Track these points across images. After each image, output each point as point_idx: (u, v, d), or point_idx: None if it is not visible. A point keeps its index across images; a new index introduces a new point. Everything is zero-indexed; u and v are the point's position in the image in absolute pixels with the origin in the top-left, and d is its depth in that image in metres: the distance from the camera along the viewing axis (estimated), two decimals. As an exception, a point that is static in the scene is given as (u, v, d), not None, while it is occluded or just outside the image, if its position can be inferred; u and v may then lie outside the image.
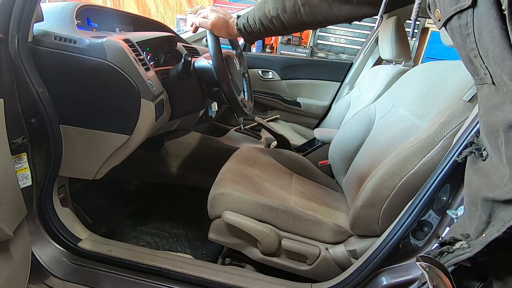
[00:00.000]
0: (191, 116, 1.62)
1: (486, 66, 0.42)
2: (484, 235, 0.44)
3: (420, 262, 0.42)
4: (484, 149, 0.50)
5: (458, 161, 0.72)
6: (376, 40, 2.07)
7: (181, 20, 4.34)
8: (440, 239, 0.51)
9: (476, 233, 0.46)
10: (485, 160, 0.50)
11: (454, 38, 0.47)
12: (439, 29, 0.52)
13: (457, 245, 0.48)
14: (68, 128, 0.95)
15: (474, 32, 0.41)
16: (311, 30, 4.49)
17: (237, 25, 0.92)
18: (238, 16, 0.93)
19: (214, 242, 1.07)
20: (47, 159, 0.95)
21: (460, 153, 0.62)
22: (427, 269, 0.42)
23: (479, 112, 0.50)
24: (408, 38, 1.68)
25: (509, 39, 0.37)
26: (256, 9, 0.87)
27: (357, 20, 0.80)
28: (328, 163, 1.42)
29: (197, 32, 1.02)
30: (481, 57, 0.42)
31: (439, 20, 0.48)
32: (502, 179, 0.43)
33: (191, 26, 1.00)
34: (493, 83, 0.42)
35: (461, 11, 0.42)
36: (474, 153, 0.52)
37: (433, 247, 0.79)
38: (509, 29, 0.37)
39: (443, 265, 0.41)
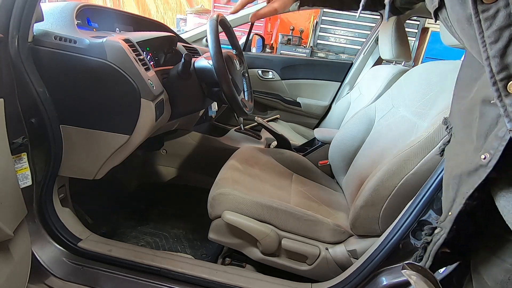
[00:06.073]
0: (191, 116, 1.62)
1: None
2: (450, 213, 0.45)
3: (405, 270, 0.40)
4: (451, 128, 0.52)
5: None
6: (376, 40, 2.07)
7: (181, 20, 4.35)
8: (423, 234, 0.52)
9: (445, 213, 0.48)
10: (449, 140, 0.52)
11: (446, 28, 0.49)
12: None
13: (435, 232, 0.49)
14: (68, 128, 0.95)
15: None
16: (311, 30, 4.49)
17: None
18: None
19: (214, 242, 1.07)
20: (47, 159, 0.95)
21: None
22: (414, 277, 0.40)
23: (455, 90, 0.52)
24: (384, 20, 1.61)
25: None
26: None
27: None
28: (328, 163, 1.42)
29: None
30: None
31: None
32: (466, 154, 0.44)
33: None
34: None
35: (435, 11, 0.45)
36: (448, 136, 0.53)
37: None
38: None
39: (431, 273, 0.40)
